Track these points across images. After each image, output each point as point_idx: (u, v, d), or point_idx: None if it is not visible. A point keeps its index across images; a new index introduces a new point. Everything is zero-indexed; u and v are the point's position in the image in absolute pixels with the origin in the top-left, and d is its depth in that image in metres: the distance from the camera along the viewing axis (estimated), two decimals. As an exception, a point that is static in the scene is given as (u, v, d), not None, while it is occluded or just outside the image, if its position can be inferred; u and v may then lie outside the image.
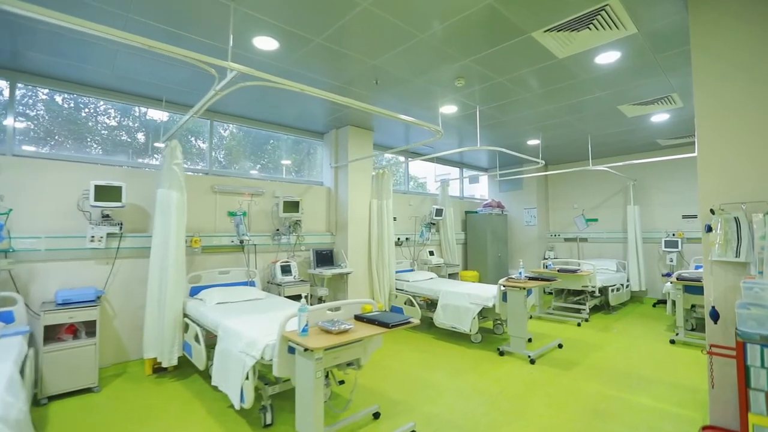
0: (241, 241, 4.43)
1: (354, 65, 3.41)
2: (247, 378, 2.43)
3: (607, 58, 3.28)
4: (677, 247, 6.41)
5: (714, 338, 2.25)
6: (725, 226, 2.20)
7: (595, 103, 4.41)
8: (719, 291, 2.24)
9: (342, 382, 3.07)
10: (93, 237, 3.49)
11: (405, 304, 5.17)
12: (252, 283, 4.37)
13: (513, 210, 8.27)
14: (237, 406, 2.49)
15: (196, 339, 3.21)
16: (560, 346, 4.34)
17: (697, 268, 6.16)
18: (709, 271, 2.27)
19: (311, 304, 4.97)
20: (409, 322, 2.46)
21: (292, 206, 4.76)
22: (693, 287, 4.51)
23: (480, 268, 7.31)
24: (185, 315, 3.58)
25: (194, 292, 3.94)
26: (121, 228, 3.66)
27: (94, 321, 3.21)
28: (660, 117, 4.93)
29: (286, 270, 4.63)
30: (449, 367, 3.77)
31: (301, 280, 4.65)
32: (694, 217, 6.51)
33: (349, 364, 2.69)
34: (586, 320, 5.51)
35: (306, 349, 2.06)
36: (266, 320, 2.91)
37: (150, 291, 3.45)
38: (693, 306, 4.77)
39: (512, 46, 3.08)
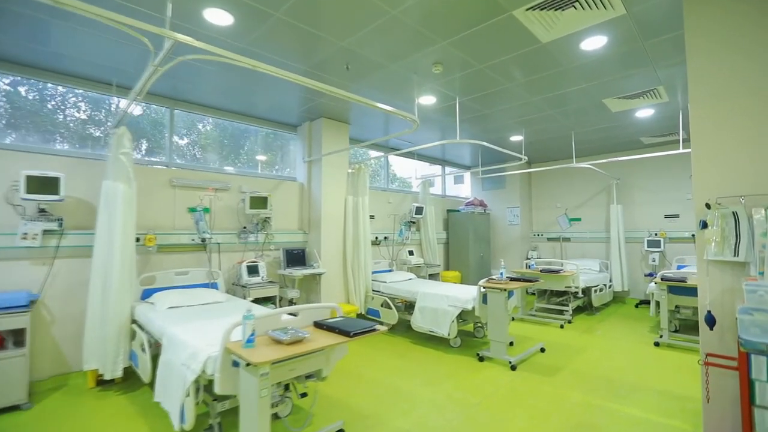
0: (203, 240, 4.08)
1: (321, 47, 3.12)
2: (188, 395, 2.11)
3: (594, 43, 3.06)
4: (660, 247, 6.31)
5: (710, 346, 2.03)
6: (722, 222, 1.99)
7: (580, 96, 4.22)
8: (715, 294, 2.03)
9: (304, 395, 2.77)
10: (26, 234, 3.10)
11: (382, 306, 4.89)
12: (214, 285, 4.03)
13: (496, 209, 8.09)
14: (176, 427, 2.16)
15: (143, 348, 2.87)
16: (542, 350, 4.13)
17: (679, 267, 6.06)
18: (704, 272, 2.06)
19: (281, 307, 4.66)
20: (373, 330, 2.18)
21: (260, 202, 4.43)
22: (677, 288, 4.36)
23: (462, 268, 7.09)
24: (134, 321, 3.22)
25: (147, 295, 3.58)
26: (60, 224, 3.27)
27: (24, 329, 2.84)
28: (645, 112, 4.78)
29: (252, 271, 4.30)
30: (425, 374, 3.51)
31: (270, 282, 4.33)
32: (677, 216, 6.42)
33: (308, 377, 2.41)
34: (569, 322, 5.34)
35: (249, 364, 1.76)
36: (218, 327, 2.59)
37: (92, 294, 3.08)
38: (677, 307, 4.63)
39: (492, 27, 2.83)
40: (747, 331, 1.64)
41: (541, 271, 5.49)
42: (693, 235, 6.19)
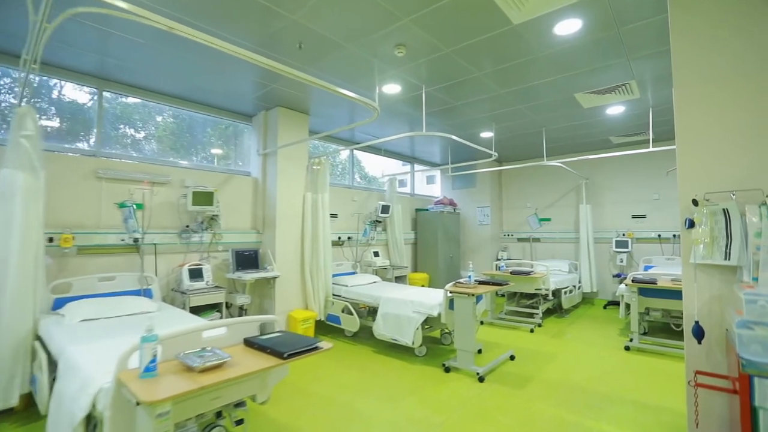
0: (135, 240, 3.57)
1: (268, 19, 2.72)
2: (78, 436, 1.67)
3: (568, 27, 2.82)
4: (627, 248, 6.27)
5: (697, 362, 1.79)
6: (711, 221, 1.75)
7: (551, 90, 4.01)
8: (702, 301, 1.79)
9: (240, 422, 2.37)
10: None
11: (342, 312, 4.52)
12: (147, 292, 3.53)
13: (466, 208, 7.88)
14: (63, 477, 1.71)
15: (42, 371, 2.37)
16: (512, 357, 3.88)
17: (646, 269, 6.03)
18: (691, 277, 1.82)
19: (230, 315, 4.21)
20: (314, 349, 1.82)
21: (205, 198, 3.95)
22: (647, 290, 4.23)
23: (430, 269, 6.81)
24: (38, 337, 2.70)
25: (60, 305, 3.04)
26: (-54, 221, 2.70)
27: None
28: (616, 109, 4.64)
29: (195, 274, 3.82)
30: (386, 389, 3.17)
31: (216, 287, 3.86)
32: (644, 216, 6.40)
33: (238, 405, 2.01)
34: (539, 325, 5.15)
35: (139, 402, 1.35)
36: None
37: (-19, 306, 2.55)
38: (647, 309, 4.52)
39: (459, 3, 2.53)
40: (747, 348, 1.39)
41: (511, 272, 5.28)
42: (659, 236, 6.18)
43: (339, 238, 5.60)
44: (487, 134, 5.70)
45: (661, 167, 6.19)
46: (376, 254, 5.87)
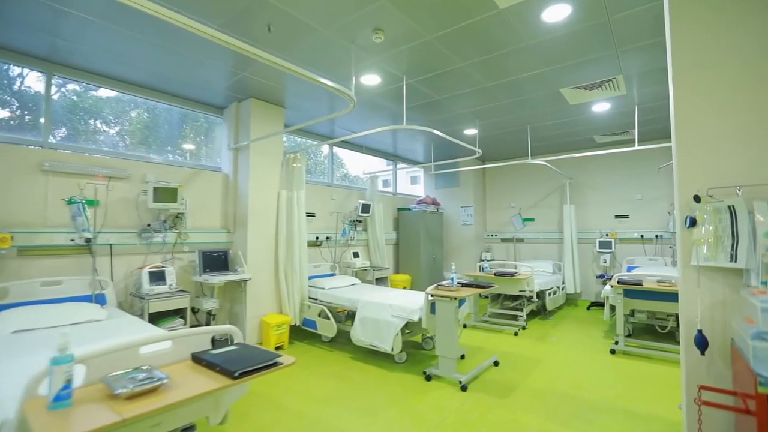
0: (87, 240, 3.24)
1: (230, -5, 2.46)
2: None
3: (556, 13, 2.65)
4: (611, 248, 6.20)
5: (699, 376, 1.63)
6: (715, 219, 1.59)
7: (537, 83, 3.85)
8: (703, 307, 1.63)
9: (196, 445, 2.10)
10: None
11: (319, 316, 4.28)
12: (99, 298, 3.21)
13: (449, 208, 7.72)
14: None
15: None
16: (496, 363, 3.71)
17: (629, 269, 5.96)
18: (693, 281, 1.65)
19: (197, 321, 3.91)
20: (274, 365, 1.57)
21: (167, 194, 3.64)
22: (632, 291, 4.13)
23: (412, 271, 6.61)
24: (-37, 350, 2.37)
25: (-6, 313, 2.70)
26: None
27: None
28: (601, 106, 4.53)
29: (157, 278, 3.51)
30: (363, 401, 2.94)
31: (180, 291, 3.56)
32: (626, 217, 6.35)
33: (186, 429, 1.75)
34: (524, 328, 5.00)
35: (40, 443, 1.09)
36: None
37: None
38: (632, 311, 4.42)
39: (441, -19, 2.32)
40: (763, 363, 1.21)
41: (495, 274, 5.12)
42: (642, 236, 6.13)
43: (317, 238, 5.34)
44: (470, 131, 5.53)
45: (644, 167, 6.15)
46: (355, 255, 5.63)
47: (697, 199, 1.64)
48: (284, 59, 3.23)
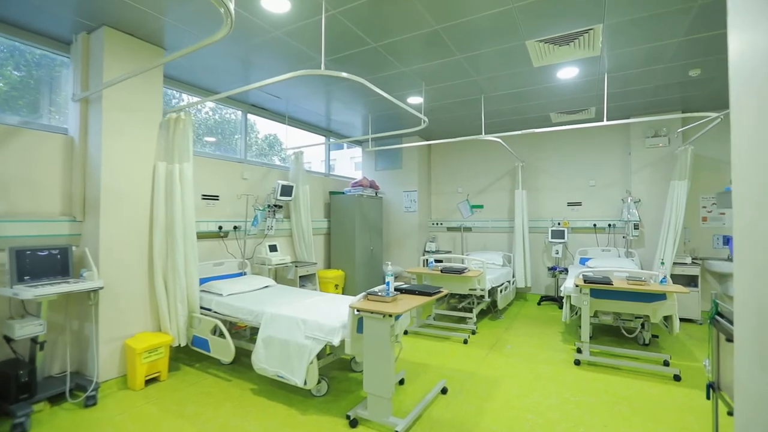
0: None
1: None
2: None
3: None
4: (563, 238, 5.67)
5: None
6: None
7: (499, 29, 2.98)
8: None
9: None
10: None
11: (212, 333, 3.16)
12: None
13: (390, 193, 6.81)
14: None
15: None
16: (444, 391, 2.87)
17: (582, 261, 5.49)
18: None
19: (13, 356, 2.60)
20: None
21: (-61, 160, 2.28)
22: (598, 291, 3.50)
23: (346, 266, 5.63)
24: None
25: None
26: None
27: None
28: (568, 72, 3.80)
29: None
30: (247, 479, 1.93)
31: (-28, 311, 2.26)
32: (579, 204, 5.87)
33: None
34: (474, 332, 4.26)
35: None
36: None
37: None
38: (595, 312, 3.83)
39: None
40: None
41: (441, 271, 4.29)
42: (595, 225, 5.68)
43: (220, 228, 4.15)
44: (415, 99, 4.60)
45: (601, 150, 5.67)
46: (273, 248, 4.51)
47: None
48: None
